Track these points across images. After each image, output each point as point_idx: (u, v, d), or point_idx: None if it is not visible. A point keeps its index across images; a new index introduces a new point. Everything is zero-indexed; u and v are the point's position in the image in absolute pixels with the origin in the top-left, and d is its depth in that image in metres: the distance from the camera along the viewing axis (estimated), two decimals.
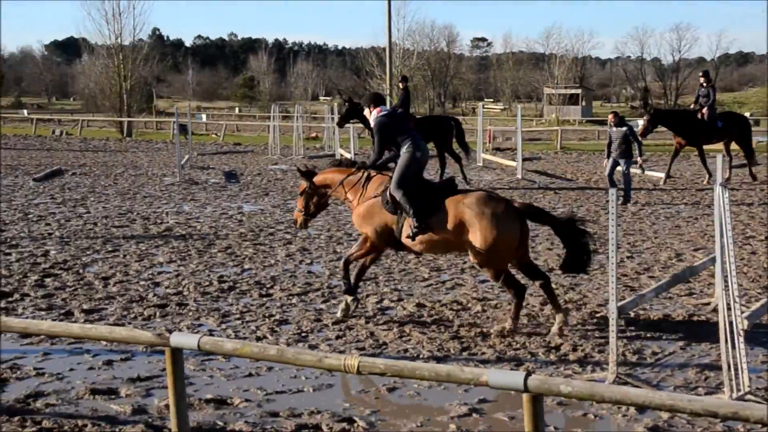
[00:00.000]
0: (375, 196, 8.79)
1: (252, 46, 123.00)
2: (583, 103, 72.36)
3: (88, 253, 12.31)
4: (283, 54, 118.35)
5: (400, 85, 21.56)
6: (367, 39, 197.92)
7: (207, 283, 10.42)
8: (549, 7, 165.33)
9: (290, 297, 9.82)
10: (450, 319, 8.93)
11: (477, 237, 8.15)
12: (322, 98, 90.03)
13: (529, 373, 4.19)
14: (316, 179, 9.29)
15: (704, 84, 21.33)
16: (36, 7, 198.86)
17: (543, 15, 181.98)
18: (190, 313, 9.13)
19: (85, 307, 9.31)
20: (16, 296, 9.73)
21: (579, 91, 73.19)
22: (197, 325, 8.68)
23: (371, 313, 9.19)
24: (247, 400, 6.59)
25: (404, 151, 8.65)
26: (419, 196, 8.45)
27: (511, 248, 8.28)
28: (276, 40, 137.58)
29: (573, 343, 8.04)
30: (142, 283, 10.49)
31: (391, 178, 8.66)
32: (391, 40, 48.66)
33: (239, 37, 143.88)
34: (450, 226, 8.28)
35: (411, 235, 8.45)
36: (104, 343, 7.73)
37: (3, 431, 5.85)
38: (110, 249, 12.60)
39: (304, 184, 9.38)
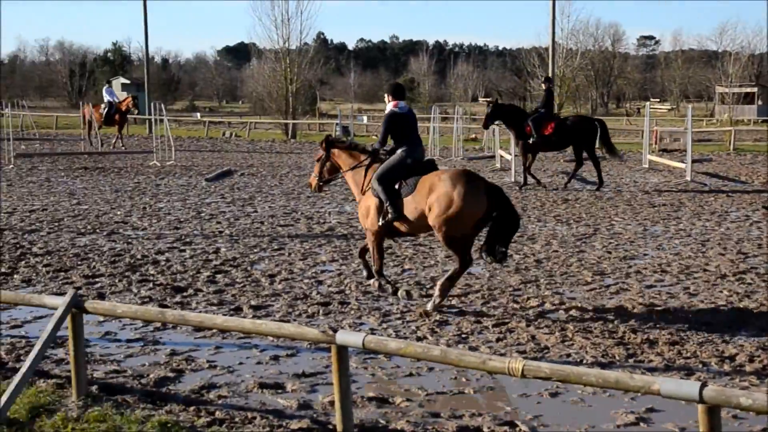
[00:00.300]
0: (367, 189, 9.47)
1: (413, 48, 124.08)
2: (760, 102, 68.56)
3: (255, 251, 12.76)
4: (443, 55, 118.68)
5: (543, 85, 21.47)
6: (528, 39, 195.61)
7: (368, 283, 10.57)
8: (724, 4, 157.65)
9: (450, 298, 9.81)
10: (615, 325, 8.67)
11: (439, 202, 8.70)
12: (481, 99, 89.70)
13: (704, 383, 4.00)
14: (333, 152, 9.88)
15: None
16: (211, 13, 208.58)
17: (716, 11, 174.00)
18: (352, 312, 9.28)
19: (252, 303, 9.64)
20: (190, 291, 10.20)
21: (755, 89, 69.37)
22: (359, 324, 8.81)
23: (532, 316, 9.05)
24: (408, 400, 6.62)
25: (399, 151, 9.25)
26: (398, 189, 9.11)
27: (469, 221, 8.80)
28: (436, 41, 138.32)
29: (749, 354, 7.63)
30: (306, 281, 10.76)
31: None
32: (555, 39, 47.80)
33: (400, 40, 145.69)
34: (424, 202, 8.86)
35: (383, 221, 9.13)
36: (270, 338, 7.99)
37: (180, 420, 6.13)
38: (276, 247, 13.00)
39: (321, 152, 9.95)
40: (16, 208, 17.05)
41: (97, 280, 10.74)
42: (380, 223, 9.21)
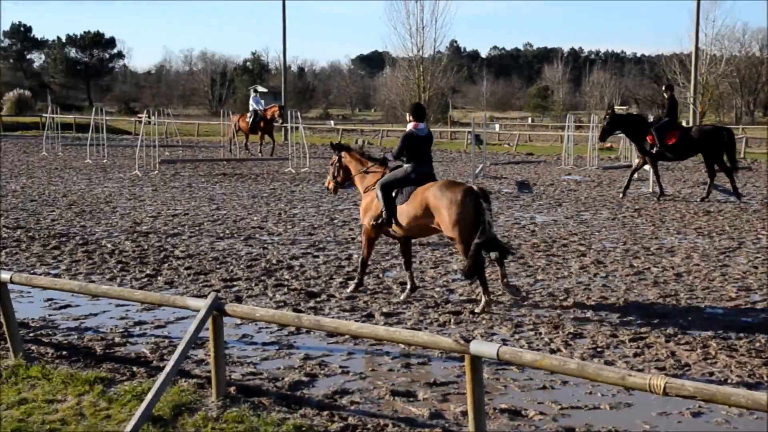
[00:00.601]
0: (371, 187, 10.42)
1: (547, 55, 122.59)
2: None
3: (387, 258, 12.83)
4: (578, 63, 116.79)
5: (666, 93, 20.74)
6: (669, 46, 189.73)
7: (500, 293, 10.45)
8: None
9: (585, 310, 9.59)
10: (763, 344, 8.25)
11: (443, 216, 9.39)
12: (617, 107, 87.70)
13: None
14: (344, 157, 10.89)
15: None
16: (346, 22, 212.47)
17: None
18: (484, 322, 9.20)
19: (384, 310, 9.69)
20: (323, 297, 10.36)
21: None
22: (491, 334, 8.72)
23: (672, 332, 8.72)
24: (541, 413, 6.50)
25: (406, 166, 10.18)
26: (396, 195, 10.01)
27: (470, 222, 9.33)
28: (572, 48, 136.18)
29: None
30: (437, 289, 10.75)
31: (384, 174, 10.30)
32: (698, 46, 46.06)
33: (534, 47, 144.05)
34: (419, 211, 9.69)
35: (375, 223, 10.08)
36: (401, 345, 8.00)
37: (314, 424, 6.22)
38: None
39: (335, 156, 10.94)
40: (160, 212, 17.79)
41: (234, 283, 11.06)
42: (373, 224, 10.17)
